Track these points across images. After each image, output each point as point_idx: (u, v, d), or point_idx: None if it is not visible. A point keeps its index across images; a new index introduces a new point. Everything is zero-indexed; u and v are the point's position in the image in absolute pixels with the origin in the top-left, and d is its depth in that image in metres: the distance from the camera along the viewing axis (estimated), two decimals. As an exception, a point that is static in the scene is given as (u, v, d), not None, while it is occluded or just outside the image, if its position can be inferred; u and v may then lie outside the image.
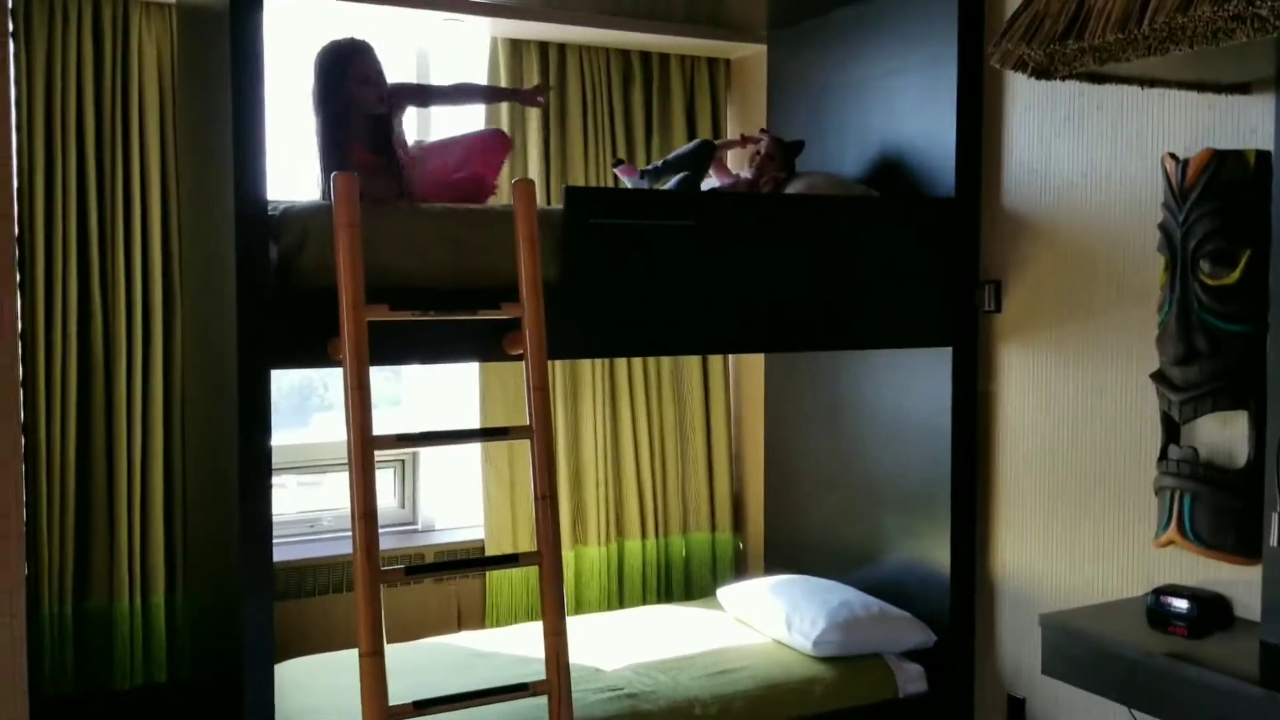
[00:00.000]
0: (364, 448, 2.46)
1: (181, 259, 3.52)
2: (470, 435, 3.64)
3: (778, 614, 3.55)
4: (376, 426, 2.50)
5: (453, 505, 4.23)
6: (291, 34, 3.60)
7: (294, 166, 2.88)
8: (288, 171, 2.91)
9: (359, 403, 2.47)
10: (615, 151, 4.18)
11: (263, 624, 2.62)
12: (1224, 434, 2.72)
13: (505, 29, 3.95)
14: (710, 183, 3.61)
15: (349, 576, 3.79)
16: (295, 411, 4.22)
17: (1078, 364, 3.15)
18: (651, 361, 4.30)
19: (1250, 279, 2.56)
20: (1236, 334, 2.58)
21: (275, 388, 2.64)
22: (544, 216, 2.79)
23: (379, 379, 3.63)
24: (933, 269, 3.41)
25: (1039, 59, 2.43)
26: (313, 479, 4.09)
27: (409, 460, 4.14)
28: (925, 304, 3.42)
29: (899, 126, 3.57)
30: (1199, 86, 2.71)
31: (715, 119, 4.43)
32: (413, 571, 2.65)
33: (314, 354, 2.64)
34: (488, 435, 3.77)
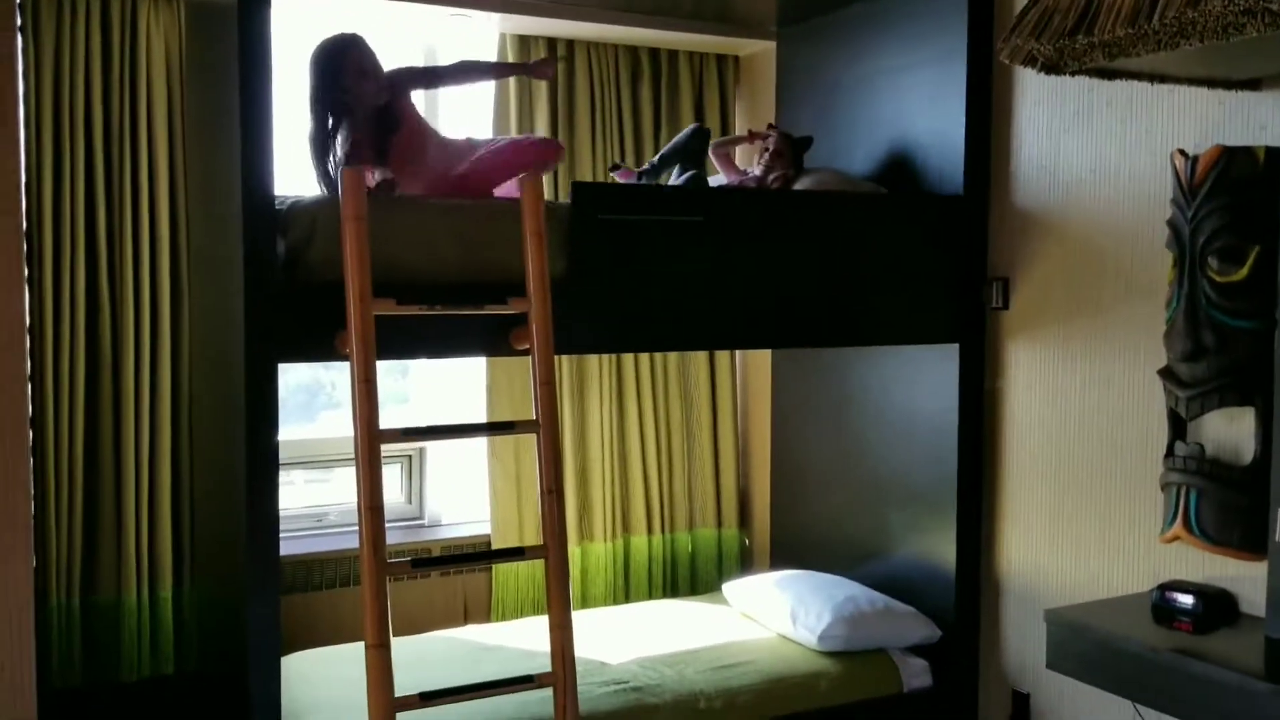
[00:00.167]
0: (370, 441, 2.47)
1: (189, 253, 3.53)
2: (476, 429, 3.66)
3: (783, 609, 3.55)
4: (383, 424, 2.51)
5: (459, 502, 4.23)
6: (300, 29, 3.60)
7: (302, 161, 2.89)
8: (295, 166, 2.91)
9: (365, 396, 2.47)
10: (623, 149, 4.18)
11: (269, 617, 2.62)
12: (1230, 430, 2.71)
13: (513, 25, 3.94)
14: (718, 179, 3.61)
15: (356, 571, 3.80)
16: (303, 409, 4.23)
17: (1085, 360, 3.15)
18: (659, 357, 4.30)
19: (1259, 275, 2.55)
20: (1244, 330, 2.58)
21: (283, 385, 2.64)
22: (551, 212, 2.79)
23: (386, 378, 3.64)
24: (940, 265, 3.41)
25: (1048, 54, 2.43)
26: (320, 475, 4.10)
27: (416, 456, 4.15)
28: (933, 300, 3.41)
29: (908, 123, 3.56)
30: (1209, 82, 2.70)
31: (724, 116, 4.43)
32: (418, 564, 2.65)
33: (321, 348, 2.65)
34: (494, 429, 3.79)
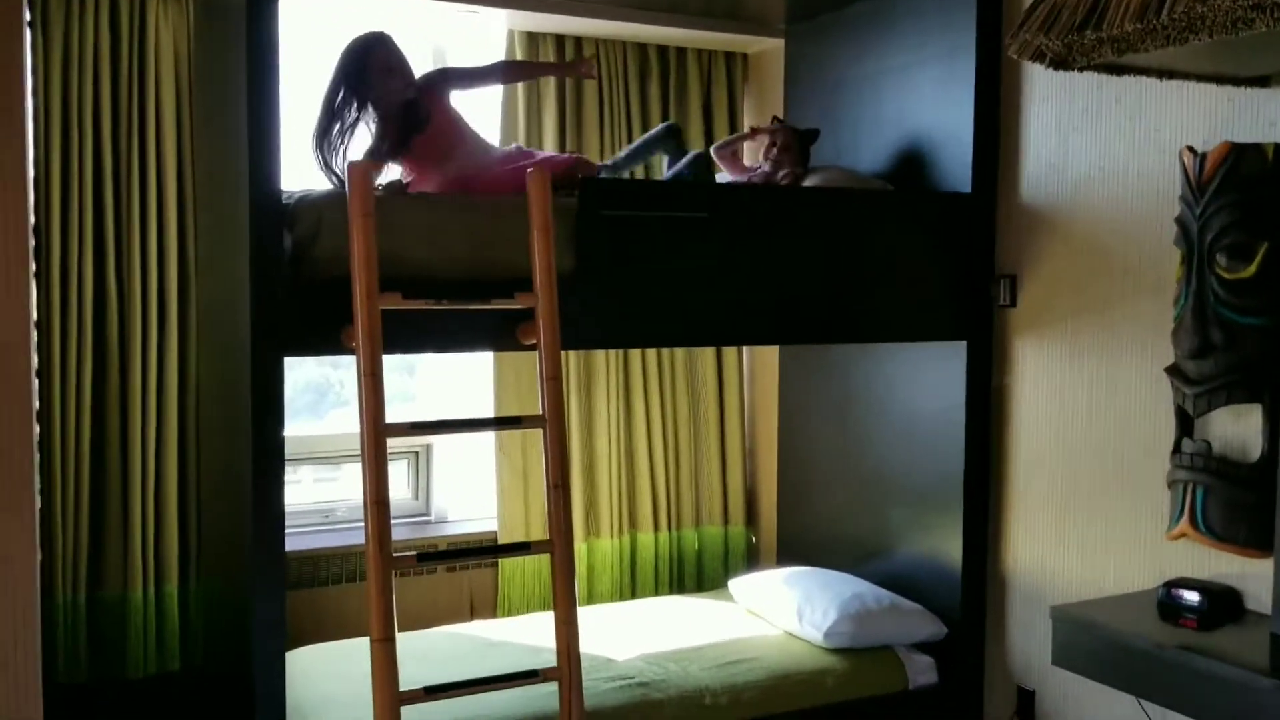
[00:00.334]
0: (376, 435, 2.47)
1: (197, 248, 3.53)
2: (483, 424, 3.66)
3: (789, 605, 3.55)
4: (390, 420, 2.51)
5: (466, 498, 4.23)
6: (308, 25, 3.61)
7: (308, 156, 2.90)
8: (302, 161, 2.92)
9: (372, 390, 2.48)
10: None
11: (275, 613, 2.63)
12: (1237, 427, 2.70)
13: (521, 21, 3.94)
14: (724, 177, 3.61)
15: (362, 566, 3.80)
16: (312, 408, 4.23)
17: (1092, 358, 3.14)
18: (666, 353, 4.29)
19: (1267, 272, 2.55)
20: (1252, 327, 2.57)
21: (292, 384, 2.64)
22: (558, 207, 2.79)
23: (392, 375, 3.64)
24: (948, 263, 3.40)
25: (1057, 50, 2.42)
26: (328, 472, 4.10)
27: (422, 453, 4.15)
28: (940, 298, 3.41)
29: (916, 120, 3.56)
30: (1217, 79, 2.69)
31: (732, 113, 4.42)
32: (424, 558, 2.65)
33: (328, 342, 2.66)
34: (501, 424, 3.79)
